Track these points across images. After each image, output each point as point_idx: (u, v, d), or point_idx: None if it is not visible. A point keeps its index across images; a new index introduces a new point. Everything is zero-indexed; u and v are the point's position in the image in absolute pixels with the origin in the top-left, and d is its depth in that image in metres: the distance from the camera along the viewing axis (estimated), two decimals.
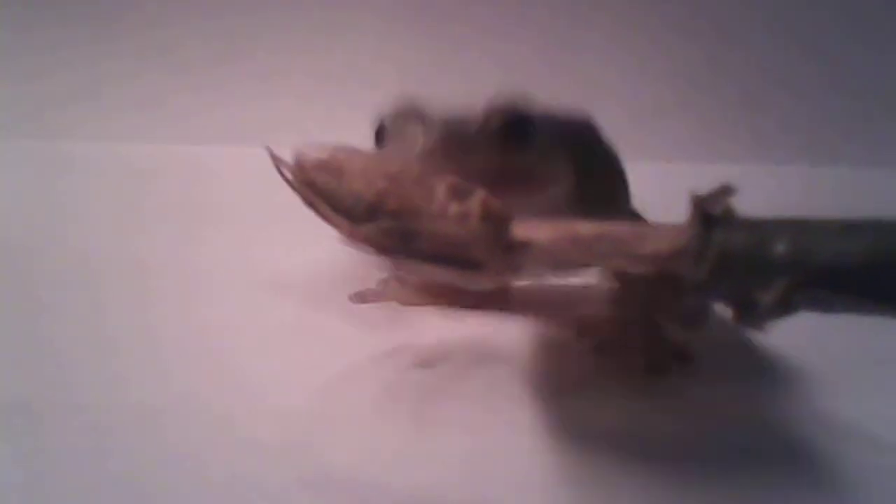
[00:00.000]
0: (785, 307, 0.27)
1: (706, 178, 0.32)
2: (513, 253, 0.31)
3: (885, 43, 0.91)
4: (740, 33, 0.92)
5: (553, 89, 0.91)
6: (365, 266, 0.51)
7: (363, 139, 0.41)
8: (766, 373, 0.43)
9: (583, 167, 0.39)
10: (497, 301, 0.47)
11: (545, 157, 0.38)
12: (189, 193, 0.77)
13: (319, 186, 0.34)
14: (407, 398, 0.41)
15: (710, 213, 0.29)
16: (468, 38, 0.92)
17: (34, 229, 0.69)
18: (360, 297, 0.49)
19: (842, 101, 0.90)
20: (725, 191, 0.29)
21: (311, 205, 0.34)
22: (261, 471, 0.36)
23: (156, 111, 0.92)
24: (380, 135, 0.40)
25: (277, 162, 0.34)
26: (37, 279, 0.58)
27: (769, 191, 0.84)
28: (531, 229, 0.31)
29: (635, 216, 0.48)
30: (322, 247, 0.44)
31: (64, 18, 0.92)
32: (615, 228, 0.30)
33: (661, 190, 0.82)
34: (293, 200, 0.35)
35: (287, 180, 0.35)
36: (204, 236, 0.67)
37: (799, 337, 0.38)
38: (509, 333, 0.46)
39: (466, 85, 0.92)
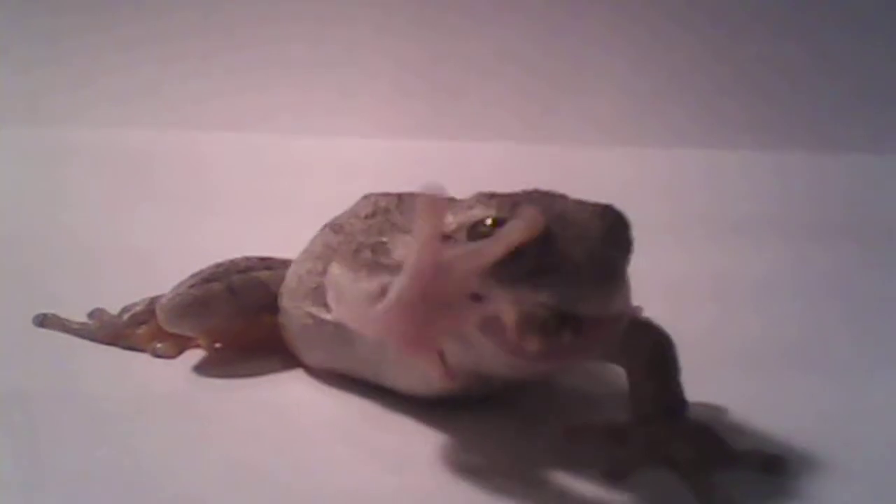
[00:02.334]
0: None
1: (706, 165, 0.32)
2: None
3: (886, 30, 0.90)
4: (740, 20, 0.91)
5: (551, 77, 0.92)
6: None
7: (358, 125, 0.41)
8: None
9: None
10: None
11: None
12: (186, 179, 0.77)
13: None
14: None
15: None
16: (465, 26, 0.91)
17: (33, 215, 0.69)
18: None
19: (843, 88, 0.90)
20: None
21: None
22: (259, 458, 0.36)
23: (153, 98, 0.91)
24: None
25: None
26: (36, 264, 0.58)
27: (769, 177, 0.84)
28: None
29: None
30: (314, 231, 0.44)
31: (61, 7, 0.92)
32: None
33: (660, 176, 0.83)
34: (288, 186, 0.35)
35: None
36: (200, 221, 0.67)
37: None
38: None
39: (463, 73, 0.93)
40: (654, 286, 0.38)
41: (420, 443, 0.36)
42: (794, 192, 0.78)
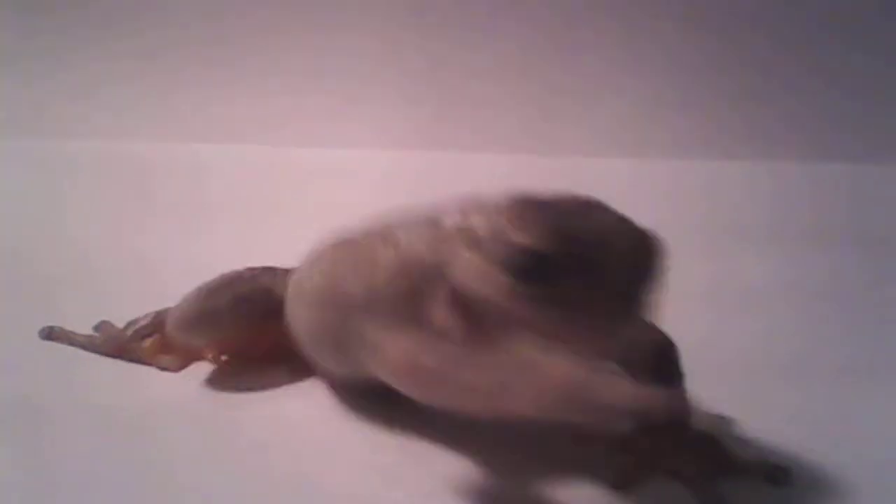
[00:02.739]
0: None
1: (706, 175, 0.32)
2: None
3: (885, 40, 0.90)
4: (740, 30, 0.91)
5: (555, 89, 0.92)
6: None
7: (360, 136, 0.41)
8: None
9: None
10: None
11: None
12: (190, 191, 0.77)
13: None
14: None
15: None
16: (467, 36, 0.91)
17: (35, 227, 0.69)
18: None
19: (841, 99, 0.90)
20: None
21: None
22: (267, 471, 0.36)
23: (155, 110, 0.92)
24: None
25: None
26: (39, 275, 0.59)
27: (768, 187, 0.85)
28: None
29: None
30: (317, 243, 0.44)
31: (64, 19, 0.92)
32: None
33: (661, 186, 0.83)
34: (291, 198, 0.35)
35: None
36: (204, 232, 0.67)
37: None
38: None
39: (468, 84, 0.93)
40: None
41: (425, 450, 0.37)
42: (793, 202, 0.78)
